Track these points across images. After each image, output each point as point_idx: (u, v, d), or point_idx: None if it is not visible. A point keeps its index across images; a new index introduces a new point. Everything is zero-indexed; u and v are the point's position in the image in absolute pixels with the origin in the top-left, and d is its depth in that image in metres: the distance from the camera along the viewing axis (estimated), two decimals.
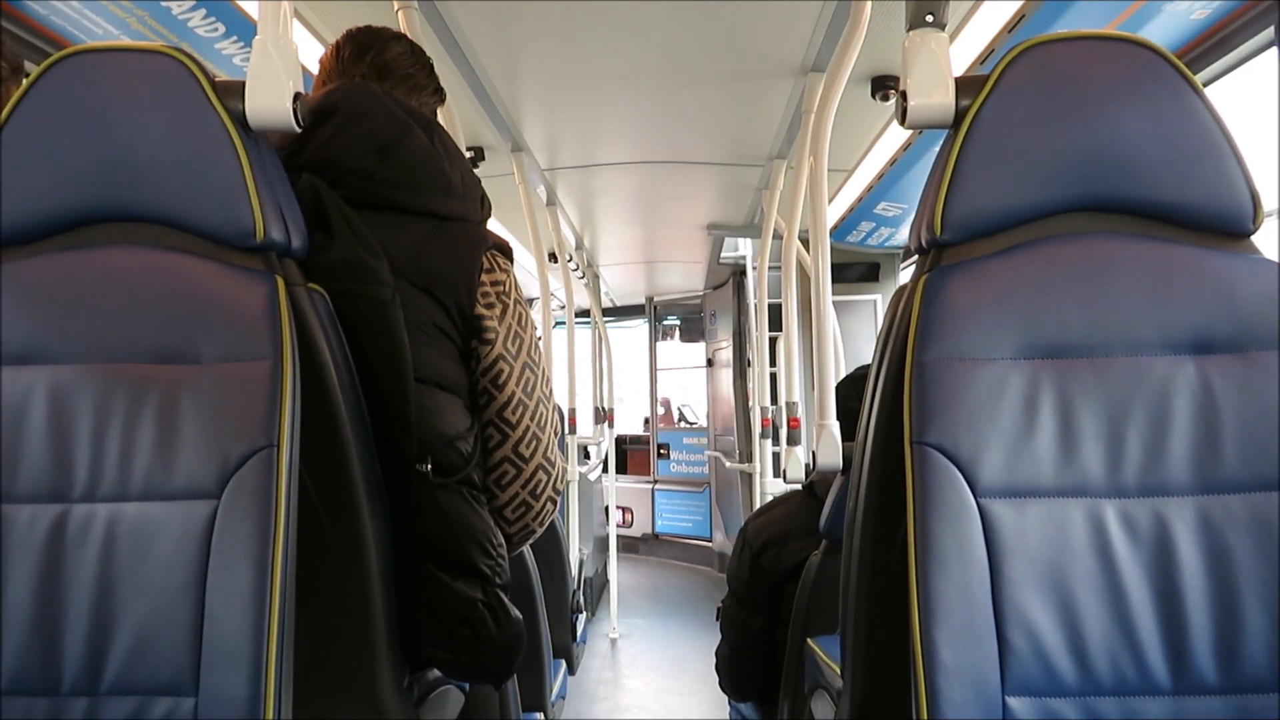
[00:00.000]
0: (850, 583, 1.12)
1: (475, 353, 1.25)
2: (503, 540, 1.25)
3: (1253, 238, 1.01)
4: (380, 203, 1.23)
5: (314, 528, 1.00)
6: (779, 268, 3.15)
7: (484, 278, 1.26)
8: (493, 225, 1.37)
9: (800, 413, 3.07)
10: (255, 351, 0.94)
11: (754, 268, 5.01)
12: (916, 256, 1.09)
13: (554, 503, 1.34)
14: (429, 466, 1.17)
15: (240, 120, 1.00)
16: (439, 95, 1.46)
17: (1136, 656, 0.90)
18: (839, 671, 1.24)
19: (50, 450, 0.93)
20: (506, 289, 1.29)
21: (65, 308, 0.97)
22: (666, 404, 8.39)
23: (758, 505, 3.84)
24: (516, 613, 1.25)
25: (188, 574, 0.89)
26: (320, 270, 1.09)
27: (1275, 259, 0.99)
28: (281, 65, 1.01)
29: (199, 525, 0.90)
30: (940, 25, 1.06)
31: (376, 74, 1.36)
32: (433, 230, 1.26)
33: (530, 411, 1.28)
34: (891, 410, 1.00)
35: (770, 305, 3.92)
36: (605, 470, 6.18)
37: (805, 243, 3.26)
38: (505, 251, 1.32)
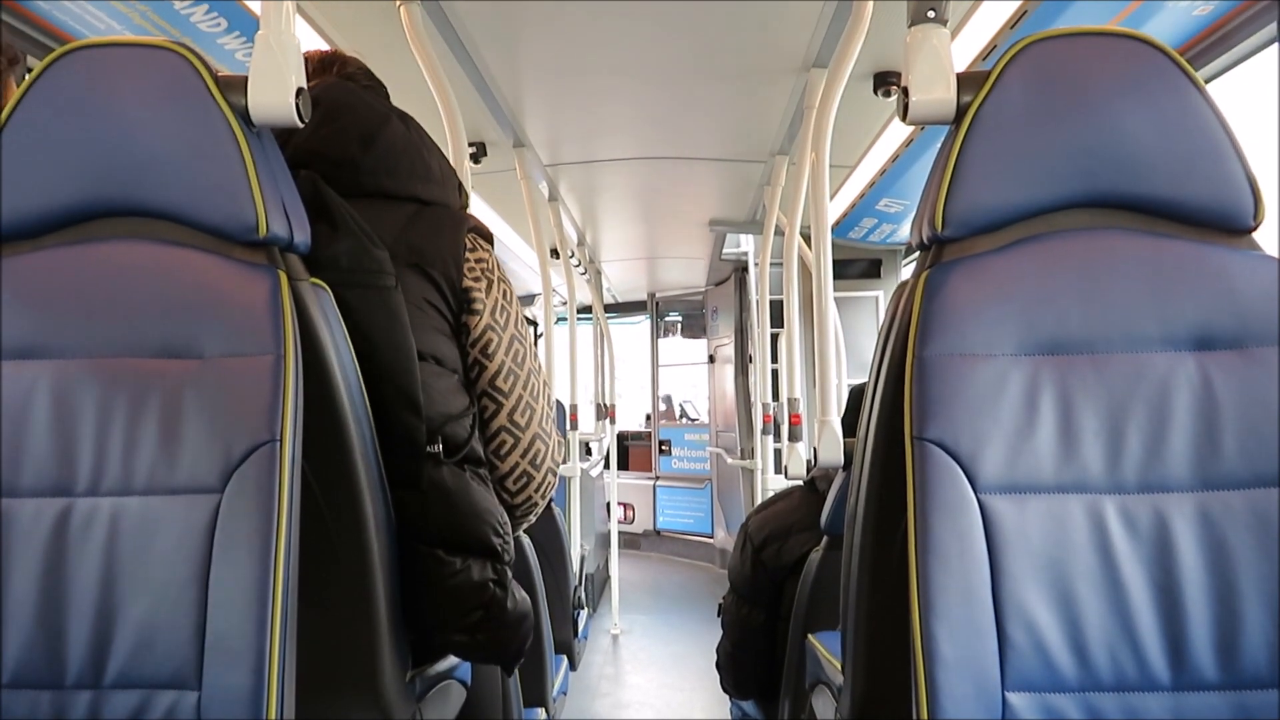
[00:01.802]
0: (851, 578, 1.12)
1: (465, 326, 1.29)
2: (508, 520, 1.28)
3: (1254, 234, 1.01)
4: (365, 191, 1.28)
5: (317, 522, 1.00)
6: (781, 264, 3.15)
7: (468, 255, 1.30)
8: (495, 220, 1.40)
9: (802, 409, 3.08)
10: (258, 346, 0.94)
11: (756, 264, 5.01)
12: (918, 252, 1.09)
13: (554, 474, 1.38)
14: (440, 446, 1.19)
15: (243, 115, 1.01)
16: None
17: (1136, 653, 0.90)
18: (840, 667, 1.24)
19: (54, 445, 0.93)
20: (490, 266, 1.34)
21: (68, 302, 0.97)
22: (668, 400, 8.39)
23: (759, 501, 3.85)
24: (523, 593, 1.28)
25: (191, 568, 0.89)
26: (326, 262, 1.11)
27: (1276, 254, 0.99)
28: (284, 60, 1.01)
29: (202, 519, 0.90)
30: (942, 21, 1.06)
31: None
32: (416, 213, 1.30)
33: (522, 381, 1.32)
34: (892, 406, 1.00)
35: (772, 301, 3.92)
36: (607, 466, 6.19)
37: (807, 239, 3.26)
38: (485, 235, 1.37)
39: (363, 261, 1.15)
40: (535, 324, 5.82)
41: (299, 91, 1.02)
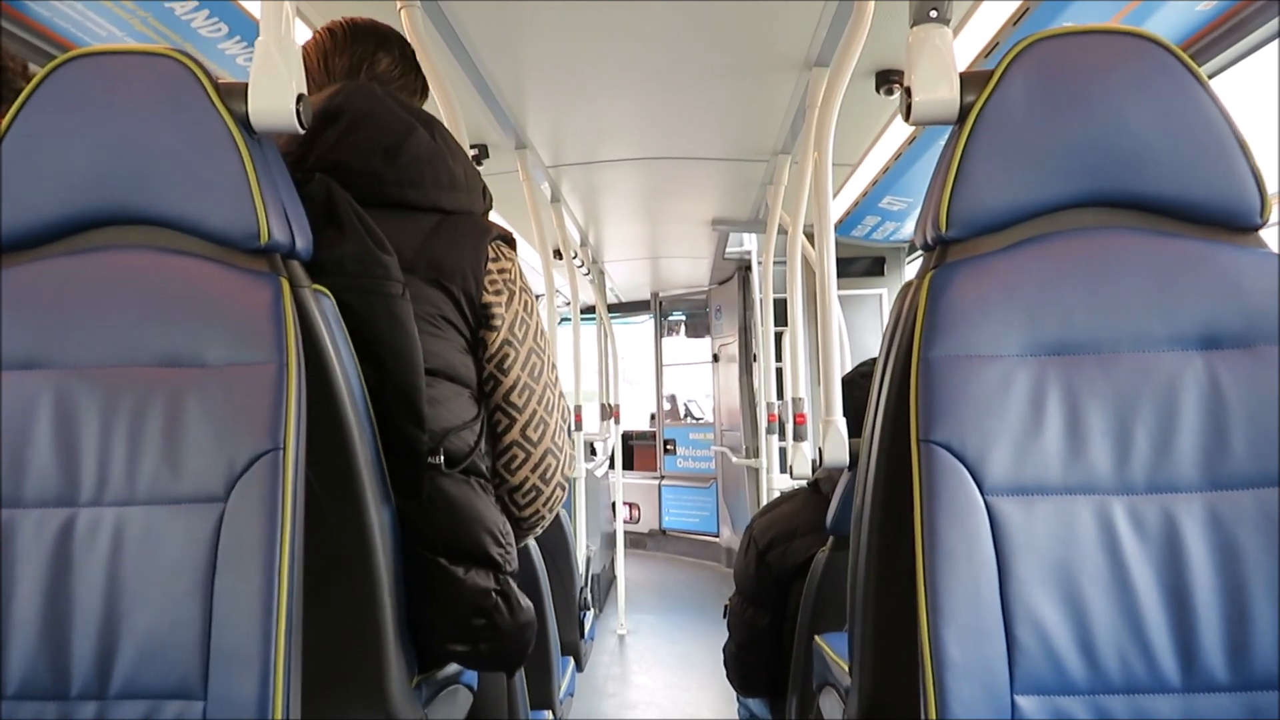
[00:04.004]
0: (858, 580, 1.12)
1: (483, 340, 1.28)
2: (510, 530, 1.27)
3: (1260, 231, 1.01)
4: (388, 201, 1.26)
5: (321, 529, 1.00)
6: (784, 262, 3.14)
7: (490, 266, 1.29)
8: (498, 222, 1.39)
9: (806, 408, 3.07)
10: (261, 354, 0.94)
11: (759, 263, 5.00)
12: (921, 253, 1.08)
13: (563, 489, 1.37)
14: (441, 458, 1.18)
15: (243, 122, 1.00)
16: (424, 92, 1.52)
17: (1146, 654, 0.90)
18: (847, 669, 1.23)
19: (56, 455, 0.93)
20: (512, 276, 1.32)
21: (70, 312, 0.97)
22: (672, 399, 8.39)
23: (764, 501, 3.84)
24: (526, 600, 1.27)
25: (195, 577, 0.89)
26: (333, 266, 1.10)
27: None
28: (284, 66, 1.01)
29: (206, 529, 0.90)
30: (944, 21, 1.06)
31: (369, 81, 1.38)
32: (439, 224, 1.28)
33: (537, 396, 1.31)
34: (898, 408, 1.00)
35: (775, 300, 3.91)
36: (612, 466, 6.19)
37: (810, 237, 3.26)
38: (509, 242, 1.36)
39: (368, 266, 1.13)
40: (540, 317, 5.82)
41: (299, 97, 1.01)
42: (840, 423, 2.07)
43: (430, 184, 1.29)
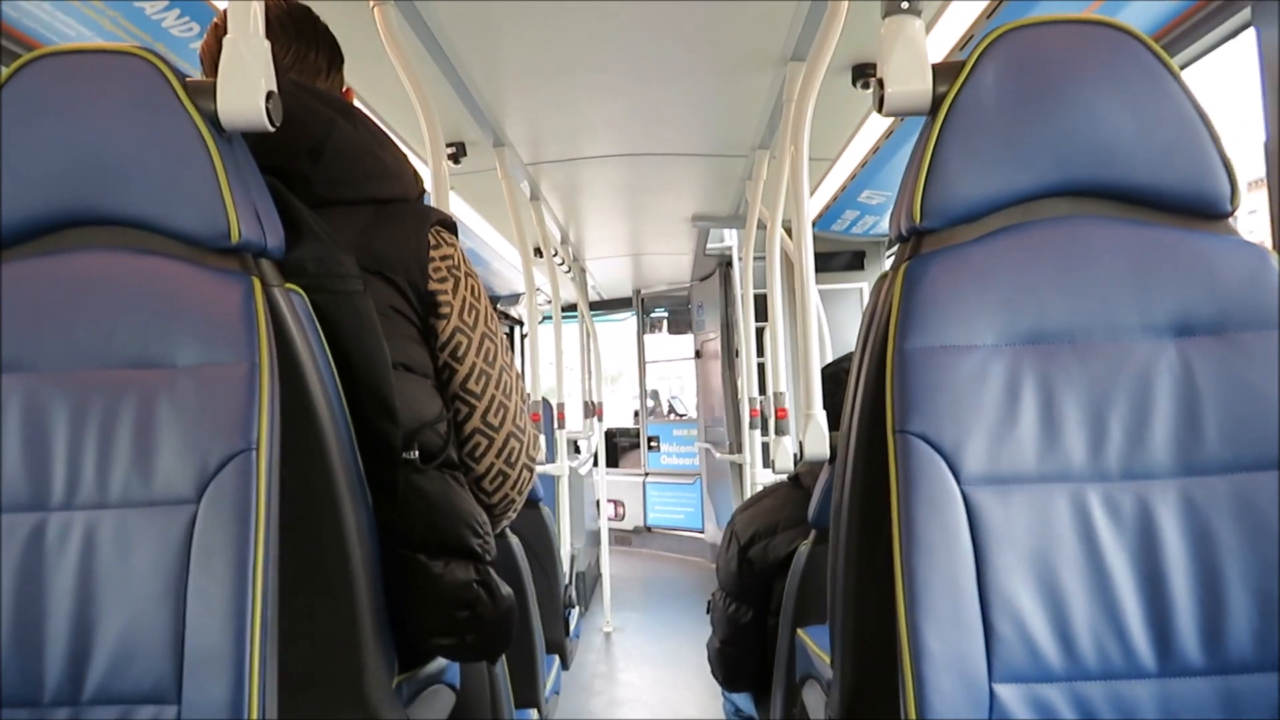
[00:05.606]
0: (838, 573, 1.12)
1: (433, 329, 1.27)
2: (486, 519, 1.26)
3: (1231, 218, 1.01)
4: (321, 202, 1.22)
5: (296, 530, 0.99)
6: (764, 258, 3.15)
7: (433, 253, 1.27)
8: (476, 220, 1.38)
9: (788, 402, 3.07)
10: (232, 354, 0.93)
11: (739, 258, 5.01)
12: (897, 244, 1.08)
13: (530, 470, 1.36)
14: (416, 453, 1.18)
15: (212, 120, 0.99)
16: (335, 65, 1.41)
17: (1122, 641, 0.90)
18: (829, 661, 1.24)
19: (26, 459, 0.92)
20: (456, 263, 1.30)
21: (39, 314, 0.96)
22: (656, 396, 8.39)
23: (748, 495, 3.84)
24: (506, 587, 1.27)
25: (168, 581, 0.88)
26: (293, 267, 1.09)
27: (1260, 238, 0.99)
28: (253, 64, 1.00)
29: (178, 531, 0.89)
30: (916, 12, 1.06)
31: None
32: (376, 214, 1.26)
33: (494, 380, 1.30)
34: (874, 399, 1.00)
35: (756, 295, 3.91)
36: (596, 464, 6.19)
37: (790, 232, 3.26)
38: (450, 226, 1.34)
39: (329, 266, 1.12)
40: (521, 323, 5.82)
41: (269, 95, 1.00)
42: (820, 416, 2.07)
43: (361, 177, 1.26)
